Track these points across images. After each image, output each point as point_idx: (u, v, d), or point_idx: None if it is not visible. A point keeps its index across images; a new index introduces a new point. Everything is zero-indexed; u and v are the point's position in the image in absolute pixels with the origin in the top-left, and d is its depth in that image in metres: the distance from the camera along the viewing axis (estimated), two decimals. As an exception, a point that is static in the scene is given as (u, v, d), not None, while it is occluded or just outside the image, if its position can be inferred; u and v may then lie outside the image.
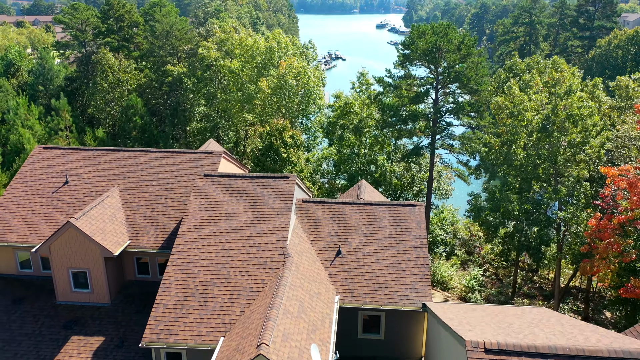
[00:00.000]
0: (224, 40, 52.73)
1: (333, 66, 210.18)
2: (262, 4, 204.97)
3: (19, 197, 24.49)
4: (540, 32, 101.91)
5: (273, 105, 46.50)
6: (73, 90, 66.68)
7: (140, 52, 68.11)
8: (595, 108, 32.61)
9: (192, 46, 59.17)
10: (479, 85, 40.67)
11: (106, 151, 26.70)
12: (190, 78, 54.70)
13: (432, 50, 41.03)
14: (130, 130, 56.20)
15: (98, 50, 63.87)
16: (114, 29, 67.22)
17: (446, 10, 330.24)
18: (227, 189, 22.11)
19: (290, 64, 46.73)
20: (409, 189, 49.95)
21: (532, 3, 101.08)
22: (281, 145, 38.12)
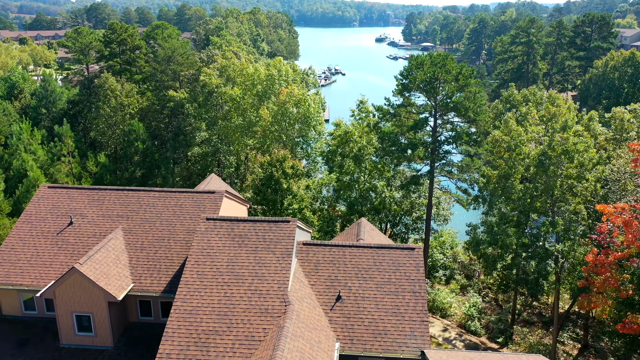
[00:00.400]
0: (225, 67, 53.44)
1: (333, 81, 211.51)
2: (263, 20, 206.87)
3: (24, 239, 24.88)
4: (537, 52, 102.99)
5: (274, 132, 47.07)
6: (75, 113, 67.30)
7: (143, 75, 68.90)
8: (592, 142, 33.14)
9: (194, 71, 59.92)
10: (476, 115, 41.25)
11: (110, 191, 27.14)
12: (191, 103, 55.34)
13: (430, 81, 41.68)
14: (132, 155, 56.70)
15: (101, 74, 64.61)
16: (116, 53, 68.05)
17: (445, 24, 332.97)
18: (229, 233, 22.51)
19: (290, 91, 47.37)
20: (408, 215, 50.34)
21: (530, 23, 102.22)
22: (282, 175, 38.59)
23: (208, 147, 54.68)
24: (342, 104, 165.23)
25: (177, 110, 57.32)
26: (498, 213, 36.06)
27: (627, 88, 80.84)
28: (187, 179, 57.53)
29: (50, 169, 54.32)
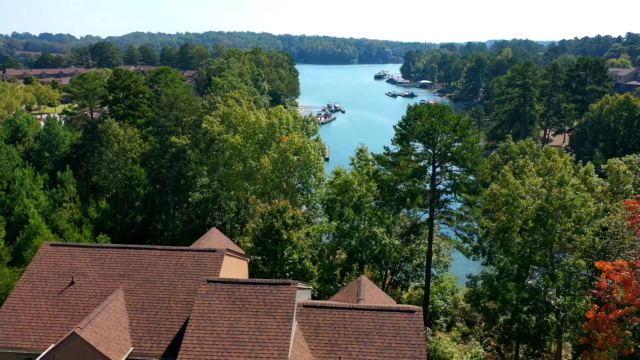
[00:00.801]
0: (227, 114, 54.45)
1: (333, 119, 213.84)
2: (264, 59, 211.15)
3: (25, 299, 24.96)
4: (534, 94, 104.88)
5: (274, 180, 47.61)
6: (78, 157, 68.08)
7: (146, 119, 70.03)
8: (589, 196, 33.59)
9: (196, 117, 60.98)
10: (474, 165, 41.85)
11: (111, 249, 27.36)
12: (193, 149, 56.11)
13: (428, 132, 42.47)
14: (133, 201, 57.09)
15: (104, 119, 65.71)
16: (120, 98, 69.40)
17: (443, 62, 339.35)
18: (230, 296, 22.62)
19: (291, 139, 48.16)
20: (408, 261, 50.31)
21: (525, 66, 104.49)
22: (282, 226, 38.83)
23: (209, 193, 55.11)
24: (342, 141, 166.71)
25: (179, 156, 58.04)
26: (497, 266, 36.14)
27: (623, 131, 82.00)
28: (188, 224, 57.70)
29: (52, 215, 54.58)
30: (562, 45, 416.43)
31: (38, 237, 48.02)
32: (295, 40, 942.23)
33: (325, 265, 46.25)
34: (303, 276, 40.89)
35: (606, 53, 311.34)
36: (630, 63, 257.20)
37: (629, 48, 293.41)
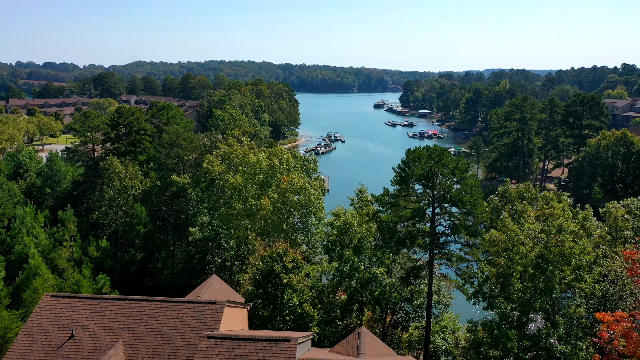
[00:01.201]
0: (228, 154, 55.04)
1: (332, 149, 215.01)
2: (264, 90, 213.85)
3: (24, 354, 24.86)
4: (532, 127, 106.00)
5: (274, 220, 47.84)
6: (79, 193, 68.43)
7: (147, 155, 70.65)
8: (587, 242, 33.77)
9: (197, 155, 61.59)
10: (473, 207, 42.13)
11: (112, 300, 27.39)
12: (194, 188, 56.50)
13: (427, 175, 42.91)
14: (133, 239, 57.16)
15: (106, 156, 66.32)
16: (122, 135, 70.18)
17: (441, 92, 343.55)
18: (230, 353, 22.57)
19: (291, 180, 48.59)
20: (409, 302, 50.08)
21: (523, 101, 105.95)
22: (282, 270, 38.88)
23: (209, 231, 55.23)
24: (342, 172, 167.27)
25: (180, 194, 58.38)
26: (498, 312, 36.05)
27: (621, 167, 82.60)
28: (188, 262, 57.61)
29: (52, 254, 54.58)
30: (559, 75, 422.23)
31: (38, 277, 47.95)
32: (296, 70, 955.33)
33: (325, 305, 46.05)
34: (303, 320, 40.73)
35: (602, 84, 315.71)
36: (627, 94, 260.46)
37: (625, 79, 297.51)
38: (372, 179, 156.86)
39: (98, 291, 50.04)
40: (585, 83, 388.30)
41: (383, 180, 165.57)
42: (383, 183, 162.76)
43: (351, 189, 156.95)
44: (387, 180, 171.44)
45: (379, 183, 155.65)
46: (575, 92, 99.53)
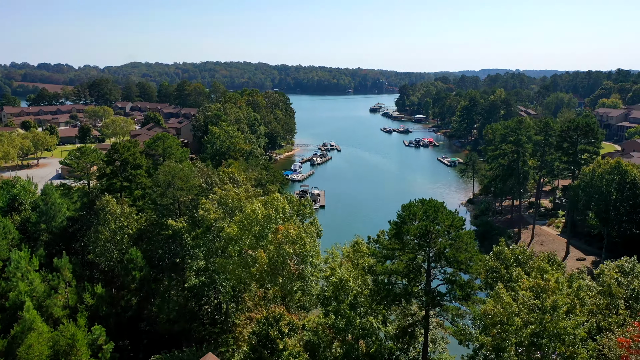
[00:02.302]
0: (223, 198, 54.97)
1: (328, 159, 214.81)
2: (260, 101, 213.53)
3: None
4: (527, 150, 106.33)
5: (269, 273, 47.83)
6: (75, 230, 68.18)
7: (143, 191, 70.44)
8: (581, 319, 33.94)
9: (193, 196, 61.46)
10: (468, 267, 42.29)
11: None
12: (189, 232, 56.43)
13: (423, 234, 43.01)
14: (129, 284, 57.04)
15: (102, 195, 66.09)
16: (117, 171, 69.93)
17: (437, 99, 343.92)
18: None
19: (287, 229, 48.59)
20: (405, 352, 50.21)
21: (518, 124, 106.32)
22: (278, 335, 38.91)
23: (205, 277, 55.19)
24: (338, 185, 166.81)
25: (175, 238, 58.29)
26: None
27: (615, 195, 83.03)
28: (184, 306, 57.50)
29: (47, 301, 54.36)
30: (554, 80, 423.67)
31: (32, 332, 47.69)
32: (292, 71, 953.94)
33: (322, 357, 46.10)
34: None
35: (597, 91, 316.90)
36: (621, 102, 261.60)
37: (620, 86, 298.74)
38: (368, 196, 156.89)
39: (94, 343, 49.91)
40: (580, 88, 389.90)
41: (379, 197, 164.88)
42: (379, 201, 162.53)
43: (347, 206, 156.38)
44: (383, 198, 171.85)
45: (375, 202, 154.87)
46: (570, 118, 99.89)
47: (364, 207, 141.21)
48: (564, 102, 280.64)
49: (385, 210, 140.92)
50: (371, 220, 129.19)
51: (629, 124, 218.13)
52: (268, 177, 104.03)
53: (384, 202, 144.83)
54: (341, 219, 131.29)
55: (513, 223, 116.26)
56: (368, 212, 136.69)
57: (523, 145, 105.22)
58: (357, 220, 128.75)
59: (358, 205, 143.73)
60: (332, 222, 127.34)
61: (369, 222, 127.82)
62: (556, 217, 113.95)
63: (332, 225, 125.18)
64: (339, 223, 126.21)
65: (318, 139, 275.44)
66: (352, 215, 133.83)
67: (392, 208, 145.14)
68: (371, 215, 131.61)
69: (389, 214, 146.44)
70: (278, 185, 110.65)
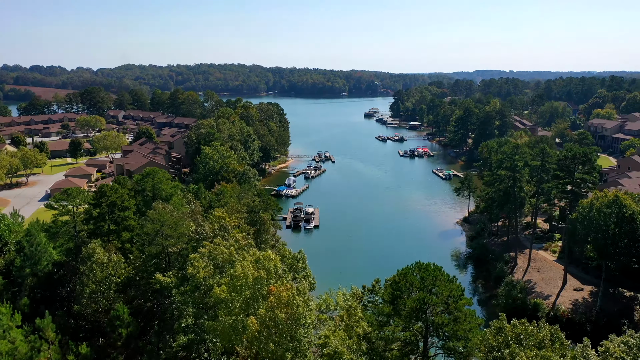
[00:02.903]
0: (213, 253, 53.09)
1: (323, 171, 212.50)
2: (254, 113, 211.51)
3: None
4: (523, 175, 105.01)
5: (262, 338, 46.01)
6: (60, 276, 66.02)
7: (131, 233, 68.35)
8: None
9: (183, 244, 59.46)
10: (467, 342, 40.68)
11: None
12: (178, 288, 54.50)
13: (420, 307, 41.35)
14: (115, 341, 55.03)
15: (89, 241, 63.97)
16: (105, 215, 67.79)
17: (431, 106, 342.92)
18: None
19: (278, 292, 46.78)
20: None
21: (514, 149, 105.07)
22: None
23: (194, 335, 53.25)
24: (333, 202, 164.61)
25: (163, 292, 56.34)
26: None
27: (614, 230, 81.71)
28: (172, 364, 55.61)
29: (29, 362, 52.26)
30: (548, 86, 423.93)
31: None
32: (286, 73, 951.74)
33: None
34: None
35: (592, 99, 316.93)
36: (615, 112, 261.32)
37: (614, 95, 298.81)
38: (364, 214, 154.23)
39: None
40: (574, 94, 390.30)
41: (375, 214, 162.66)
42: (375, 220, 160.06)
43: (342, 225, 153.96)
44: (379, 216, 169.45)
45: (371, 220, 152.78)
46: (568, 147, 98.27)
47: (359, 227, 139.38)
48: (558, 112, 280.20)
49: (381, 230, 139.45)
50: (367, 242, 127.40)
51: (623, 136, 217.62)
52: (261, 205, 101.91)
53: (380, 221, 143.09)
54: (336, 240, 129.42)
55: (509, 246, 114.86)
56: (364, 232, 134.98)
57: (519, 171, 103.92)
58: (353, 241, 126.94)
59: (353, 224, 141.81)
60: (327, 244, 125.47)
61: (365, 245, 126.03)
62: (553, 241, 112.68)
63: (327, 247, 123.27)
64: (333, 245, 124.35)
65: (312, 148, 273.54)
66: (348, 236, 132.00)
67: (389, 228, 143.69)
68: (367, 237, 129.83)
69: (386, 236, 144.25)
70: (271, 212, 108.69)
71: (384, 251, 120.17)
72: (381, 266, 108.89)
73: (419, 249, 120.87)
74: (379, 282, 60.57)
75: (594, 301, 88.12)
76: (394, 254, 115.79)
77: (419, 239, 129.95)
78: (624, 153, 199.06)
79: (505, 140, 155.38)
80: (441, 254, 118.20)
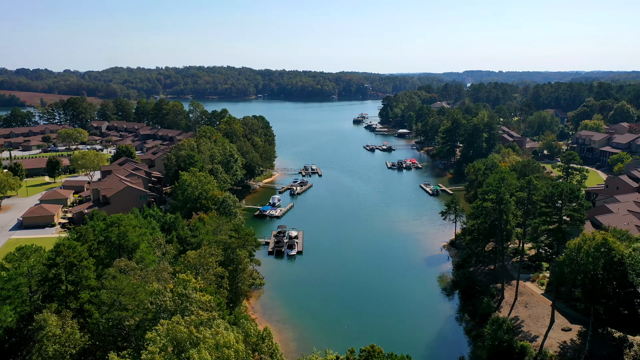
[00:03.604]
0: (172, 333, 48.82)
1: (309, 187, 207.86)
2: (238, 129, 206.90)
3: None
4: (509, 208, 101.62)
5: None
6: (11, 345, 61.34)
7: (90, 295, 63.79)
8: None
9: (141, 317, 55.11)
10: None
11: None
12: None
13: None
14: None
15: (42, 310, 59.41)
16: (61, 276, 63.18)
17: (420, 114, 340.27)
18: None
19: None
20: None
21: (500, 181, 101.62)
22: None
23: None
24: (317, 221, 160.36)
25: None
26: None
27: (602, 274, 78.54)
28: None
29: None
30: (536, 91, 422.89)
31: None
32: (275, 76, 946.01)
33: None
34: None
35: (579, 108, 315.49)
36: (603, 122, 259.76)
37: (601, 104, 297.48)
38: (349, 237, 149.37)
39: None
40: (562, 100, 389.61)
41: (360, 237, 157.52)
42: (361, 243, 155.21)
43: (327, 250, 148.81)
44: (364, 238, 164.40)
45: (356, 244, 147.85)
46: (554, 184, 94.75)
47: (344, 252, 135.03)
48: (546, 121, 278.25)
49: (366, 255, 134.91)
50: (352, 270, 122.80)
51: (611, 149, 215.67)
52: (238, 242, 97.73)
53: (366, 245, 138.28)
54: (319, 268, 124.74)
55: (496, 276, 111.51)
56: (348, 258, 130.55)
57: (505, 204, 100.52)
58: (337, 269, 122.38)
59: (338, 249, 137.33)
60: (310, 272, 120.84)
61: (349, 272, 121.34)
62: (540, 271, 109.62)
63: (310, 276, 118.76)
64: (316, 274, 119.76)
65: (300, 159, 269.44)
66: (332, 263, 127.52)
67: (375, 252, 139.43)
68: (351, 263, 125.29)
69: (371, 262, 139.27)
70: (250, 248, 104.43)
71: (368, 281, 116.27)
72: (365, 300, 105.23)
73: (404, 277, 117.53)
74: (353, 352, 56.92)
75: (583, 343, 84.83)
76: (379, 284, 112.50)
77: (405, 266, 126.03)
78: (613, 167, 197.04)
79: (492, 161, 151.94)
80: (427, 283, 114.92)
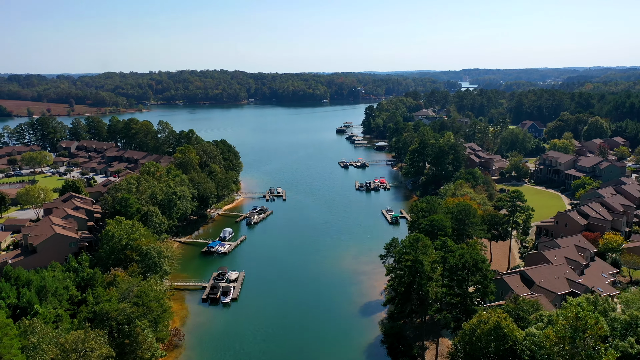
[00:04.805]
0: None
1: (269, 214, 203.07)
2: (193, 157, 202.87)
3: None
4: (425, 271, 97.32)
5: None
6: None
7: None
8: None
9: None
10: None
11: None
12: None
13: None
14: None
15: None
16: None
17: (396, 129, 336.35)
18: None
19: None
20: None
21: (414, 242, 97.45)
22: None
23: None
24: (264, 260, 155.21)
25: None
26: None
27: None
28: None
29: None
30: (520, 100, 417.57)
31: None
32: (268, 79, 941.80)
33: None
34: None
35: (554, 122, 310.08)
36: (573, 143, 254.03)
37: (576, 118, 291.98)
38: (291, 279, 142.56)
39: None
40: (545, 109, 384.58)
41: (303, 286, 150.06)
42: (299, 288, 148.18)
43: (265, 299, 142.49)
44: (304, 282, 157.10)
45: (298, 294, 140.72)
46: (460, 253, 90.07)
47: (282, 297, 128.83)
48: (518, 138, 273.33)
49: (303, 303, 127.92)
50: (283, 320, 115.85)
51: (575, 173, 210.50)
52: (140, 310, 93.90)
53: (306, 288, 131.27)
54: (252, 318, 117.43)
55: (422, 333, 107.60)
56: (285, 304, 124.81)
57: (420, 267, 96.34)
58: (270, 319, 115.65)
59: (276, 293, 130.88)
60: (242, 324, 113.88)
61: (280, 324, 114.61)
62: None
63: (240, 329, 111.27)
64: (249, 325, 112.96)
65: (269, 179, 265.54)
66: (266, 312, 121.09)
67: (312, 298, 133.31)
68: (284, 312, 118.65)
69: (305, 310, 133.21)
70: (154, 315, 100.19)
71: (298, 336, 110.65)
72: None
73: (337, 331, 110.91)
74: None
75: None
76: (310, 341, 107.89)
77: (342, 316, 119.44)
78: (575, 192, 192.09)
79: (438, 202, 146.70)
80: (360, 338, 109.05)
